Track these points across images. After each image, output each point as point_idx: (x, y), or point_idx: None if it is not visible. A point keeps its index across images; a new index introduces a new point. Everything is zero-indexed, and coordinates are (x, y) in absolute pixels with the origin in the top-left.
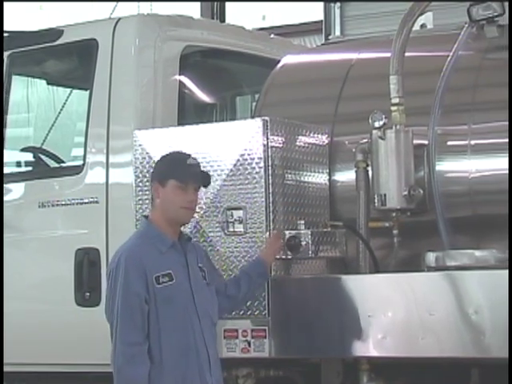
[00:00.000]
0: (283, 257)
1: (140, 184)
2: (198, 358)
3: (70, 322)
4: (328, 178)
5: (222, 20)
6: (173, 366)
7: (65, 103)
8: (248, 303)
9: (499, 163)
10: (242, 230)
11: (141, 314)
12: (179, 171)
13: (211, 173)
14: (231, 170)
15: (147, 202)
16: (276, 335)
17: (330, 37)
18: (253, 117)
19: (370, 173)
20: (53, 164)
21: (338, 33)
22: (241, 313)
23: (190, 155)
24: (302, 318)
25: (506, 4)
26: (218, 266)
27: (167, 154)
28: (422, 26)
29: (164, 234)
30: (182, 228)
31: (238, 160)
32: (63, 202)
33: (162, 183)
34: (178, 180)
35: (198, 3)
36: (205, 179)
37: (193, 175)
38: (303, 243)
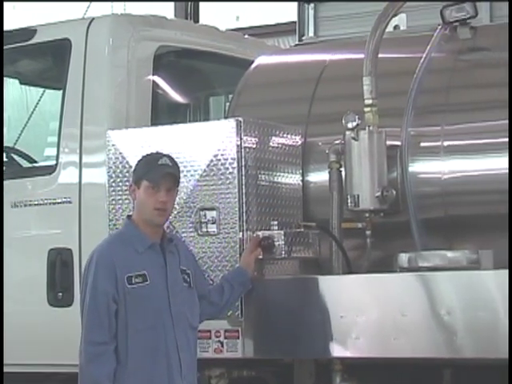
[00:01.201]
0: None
1: (113, 184)
2: (168, 360)
3: (42, 323)
4: (301, 178)
5: (196, 20)
6: (138, 367)
7: (38, 103)
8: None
9: (472, 164)
10: (215, 230)
11: (108, 313)
12: (150, 172)
13: (184, 173)
14: (204, 171)
15: (120, 202)
16: (249, 336)
17: (303, 38)
18: (226, 117)
19: (343, 174)
20: (25, 164)
21: (311, 34)
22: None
23: (164, 155)
24: (275, 319)
25: (481, 5)
26: None
27: (144, 155)
28: (396, 27)
29: (143, 234)
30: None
31: (212, 160)
32: (36, 202)
33: (138, 184)
34: (148, 181)
35: (172, 3)
36: (173, 179)
37: (163, 175)
38: (276, 244)
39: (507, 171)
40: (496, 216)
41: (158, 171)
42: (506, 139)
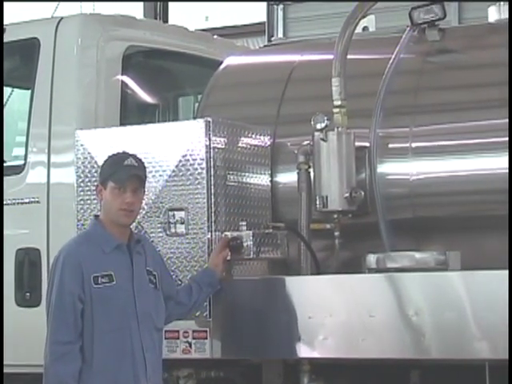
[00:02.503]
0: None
1: (82, 184)
2: (134, 361)
3: (9, 323)
4: (270, 179)
5: (165, 20)
6: (103, 367)
7: (6, 102)
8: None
9: (440, 166)
10: (183, 230)
11: (73, 313)
12: (116, 173)
13: (153, 173)
14: (173, 171)
15: (89, 202)
16: (217, 336)
17: (272, 38)
18: (195, 118)
19: (312, 175)
20: None
21: (280, 34)
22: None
23: (130, 156)
24: (243, 320)
25: (449, 7)
26: None
27: (110, 156)
28: (365, 28)
29: (110, 234)
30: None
31: (180, 161)
32: (4, 202)
33: (104, 185)
34: (114, 182)
35: (141, 3)
36: (138, 179)
37: (128, 176)
38: (245, 244)
39: (475, 172)
40: (463, 217)
41: (124, 172)
42: (474, 140)
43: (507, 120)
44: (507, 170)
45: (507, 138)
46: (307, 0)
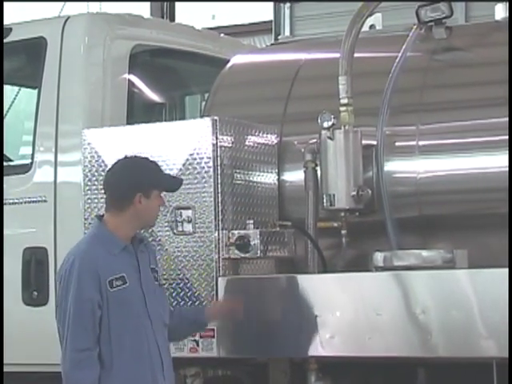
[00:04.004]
0: (232, 256)
1: (88, 183)
2: (151, 361)
3: (17, 322)
4: (277, 177)
5: (172, 19)
6: (123, 370)
7: (13, 101)
8: (196, 302)
9: (447, 164)
10: (190, 229)
11: (93, 319)
12: (162, 181)
13: None
14: (180, 170)
15: (96, 201)
16: (224, 335)
17: (279, 37)
18: (202, 116)
19: (319, 173)
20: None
21: (287, 33)
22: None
23: (152, 161)
24: (250, 318)
25: (456, 5)
26: (166, 265)
27: (139, 163)
28: (371, 27)
29: (116, 236)
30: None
31: (187, 159)
32: (11, 201)
33: (147, 194)
34: (161, 189)
35: (148, 2)
36: (179, 183)
37: (172, 181)
38: (252, 243)
39: (482, 170)
40: (470, 215)
41: (171, 180)
42: (481, 139)
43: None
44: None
45: None
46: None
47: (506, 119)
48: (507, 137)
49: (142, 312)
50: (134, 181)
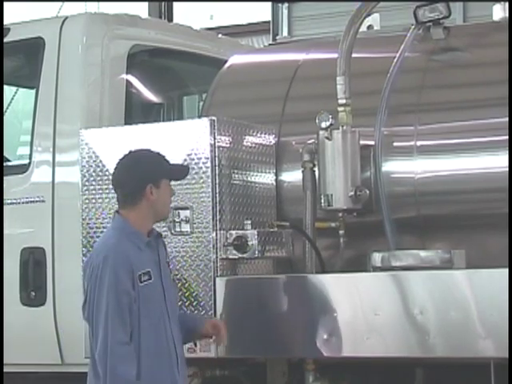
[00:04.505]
0: (230, 257)
1: (86, 183)
2: (170, 356)
3: (15, 322)
4: (275, 178)
5: (170, 19)
6: (148, 365)
7: (11, 101)
8: (194, 302)
9: (445, 164)
10: (188, 229)
11: (129, 312)
12: (172, 170)
13: None
14: None
15: (93, 201)
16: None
17: (277, 37)
18: (200, 117)
19: (317, 173)
20: None
21: (285, 33)
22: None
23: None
24: (247, 318)
25: (454, 6)
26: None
27: (147, 155)
28: (369, 27)
29: (138, 231)
30: None
31: (185, 160)
32: (9, 201)
33: (157, 184)
34: (169, 178)
35: (146, 2)
36: (186, 170)
37: (179, 169)
38: (250, 243)
39: (480, 171)
40: (468, 215)
41: (174, 167)
42: (479, 139)
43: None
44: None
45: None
46: (312, 0)
47: (505, 119)
48: (506, 137)
49: (163, 308)
50: (141, 173)
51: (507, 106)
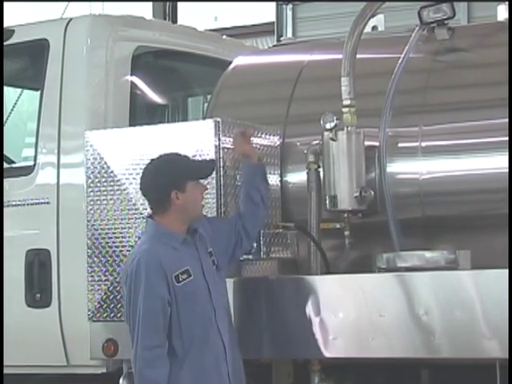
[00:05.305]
0: None
1: (91, 185)
2: (215, 349)
3: (20, 323)
4: (279, 179)
5: (174, 21)
6: (194, 361)
7: (16, 103)
8: None
9: (449, 165)
10: None
11: (163, 317)
12: (191, 170)
13: None
14: None
15: (98, 202)
16: None
17: (281, 38)
18: (204, 118)
19: (322, 174)
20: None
21: (289, 34)
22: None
23: (183, 154)
24: (252, 319)
25: (458, 6)
26: None
27: (166, 161)
28: (374, 28)
29: (173, 231)
30: None
31: None
32: (14, 203)
33: (182, 188)
34: (194, 179)
35: (150, 4)
36: (212, 165)
37: (209, 168)
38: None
39: (485, 171)
40: (473, 216)
41: (197, 166)
42: (483, 139)
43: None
44: None
45: None
46: (316, 0)
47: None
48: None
49: (207, 302)
50: (164, 180)
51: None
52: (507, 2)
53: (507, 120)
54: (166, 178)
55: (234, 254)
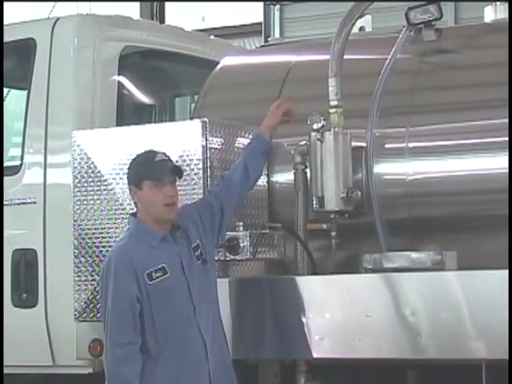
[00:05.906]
0: (221, 258)
1: (78, 185)
2: (195, 347)
3: (6, 323)
4: (267, 179)
5: (162, 21)
6: (169, 359)
7: (2, 103)
8: None
9: (436, 166)
10: None
11: (132, 314)
12: (151, 171)
13: None
14: None
15: (85, 202)
16: None
17: (269, 39)
18: (192, 118)
19: (309, 175)
20: None
21: (277, 35)
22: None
23: (157, 152)
24: (239, 320)
25: (445, 7)
26: None
27: (136, 157)
28: (361, 28)
29: (153, 229)
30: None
31: (177, 161)
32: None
33: (139, 186)
34: (151, 180)
35: (138, 3)
36: (177, 171)
37: (164, 171)
38: (242, 245)
39: (471, 172)
40: (460, 217)
41: (158, 168)
42: (470, 140)
43: (503, 120)
44: (503, 170)
45: (503, 138)
46: (304, 0)
47: (497, 121)
48: (497, 139)
49: (186, 299)
50: (128, 175)
51: (499, 108)
52: (495, 4)
53: (494, 121)
54: (129, 173)
55: (221, 229)
